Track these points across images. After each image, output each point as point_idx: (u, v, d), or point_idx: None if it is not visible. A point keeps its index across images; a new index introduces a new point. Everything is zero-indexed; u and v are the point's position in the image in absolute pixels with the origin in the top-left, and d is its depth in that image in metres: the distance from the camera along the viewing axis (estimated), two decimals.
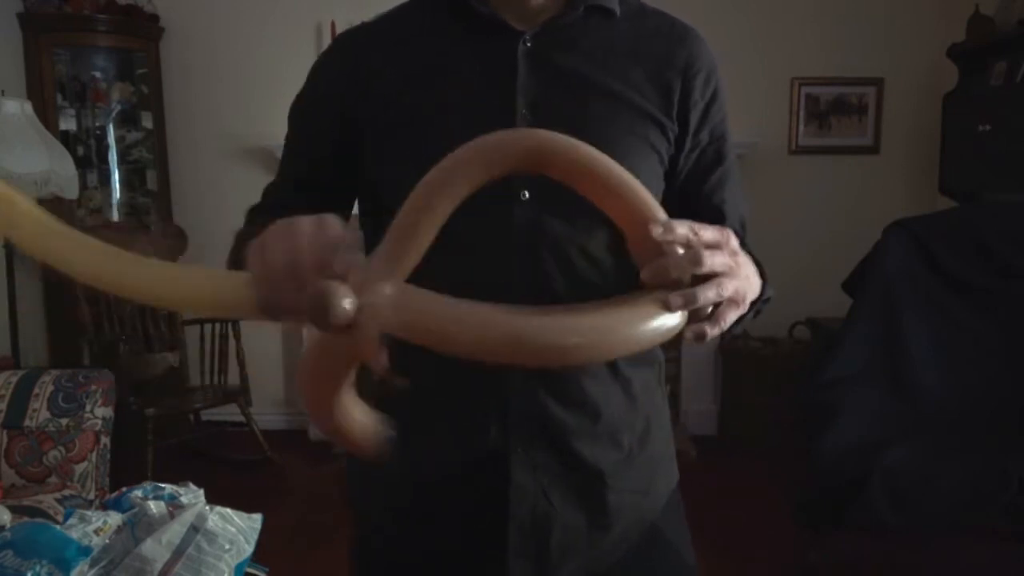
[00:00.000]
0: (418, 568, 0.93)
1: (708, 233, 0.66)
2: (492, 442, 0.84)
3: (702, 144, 0.91)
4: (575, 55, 0.86)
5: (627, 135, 0.85)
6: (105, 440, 2.22)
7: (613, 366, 0.88)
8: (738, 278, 0.68)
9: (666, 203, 0.90)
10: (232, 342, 3.57)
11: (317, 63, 0.94)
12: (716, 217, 0.91)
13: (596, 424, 0.87)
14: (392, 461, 0.93)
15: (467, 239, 0.79)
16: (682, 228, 0.65)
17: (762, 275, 0.80)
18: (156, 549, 1.01)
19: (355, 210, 0.97)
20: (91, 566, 1.01)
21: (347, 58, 0.90)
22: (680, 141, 0.89)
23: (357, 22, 0.94)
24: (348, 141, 0.88)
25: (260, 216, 0.82)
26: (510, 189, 0.82)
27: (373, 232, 0.67)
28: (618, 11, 0.88)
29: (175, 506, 1.12)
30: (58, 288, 3.65)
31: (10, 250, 3.28)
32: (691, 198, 0.91)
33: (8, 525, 1.48)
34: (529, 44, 0.85)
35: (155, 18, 3.82)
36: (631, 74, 0.86)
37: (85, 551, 1.02)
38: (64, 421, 2.16)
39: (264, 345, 3.92)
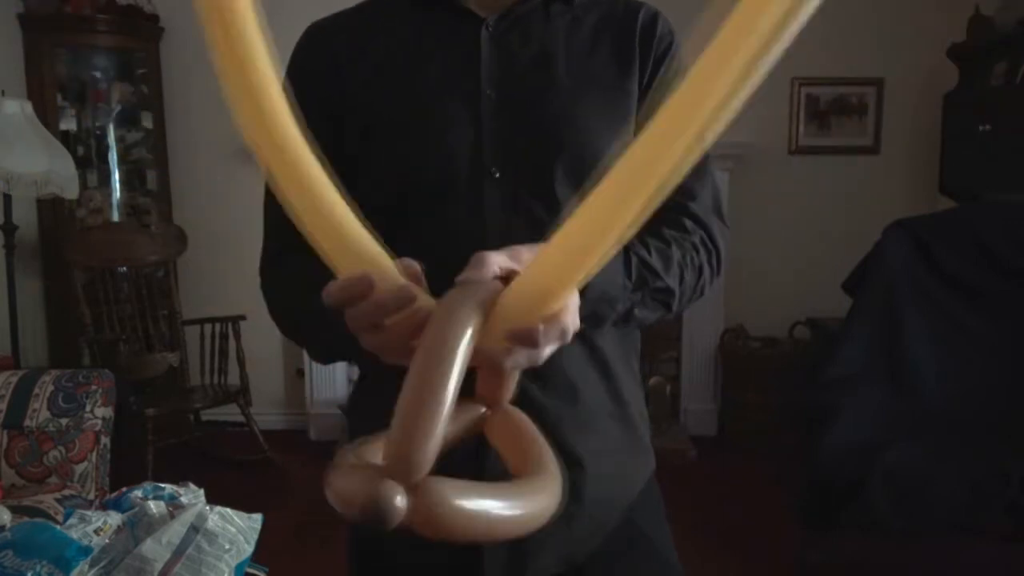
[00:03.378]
0: (395, 555, 0.93)
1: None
2: None
3: (647, 100, 0.90)
4: (538, 38, 0.87)
5: (595, 112, 0.86)
6: (105, 440, 2.22)
7: (592, 347, 0.88)
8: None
9: None
10: (232, 342, 3.57)
11: (292, 60, 0.93)
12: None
13: (575, 408, 0.87)
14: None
15: (439, 219, 0.83)
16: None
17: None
18: (156, 549, 1.01)
19: None
20: (91, 566, 1.01)
21: (319, 52, 0.91)
22: (639, 103, 0.90)
23: None
24: (338, 137, 0.89)
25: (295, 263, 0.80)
26: (481, 167, 0.83)
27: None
28: None
29: (175, 506, 1.12)
30: (58, 288, 3.66)
31: (10, 250, 3.29)
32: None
33: (8, 525, 1.48)
34: (491, 29, 0.86)
35: (155, 18, 3.82)
36: (595, 50, 0.88)
37: (85, 551, 1.02)
38: (64, 421, 2.16)
39: (264, 345, 3.92)
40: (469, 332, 0.53)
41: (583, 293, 0.71)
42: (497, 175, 0.83)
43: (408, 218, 0.83)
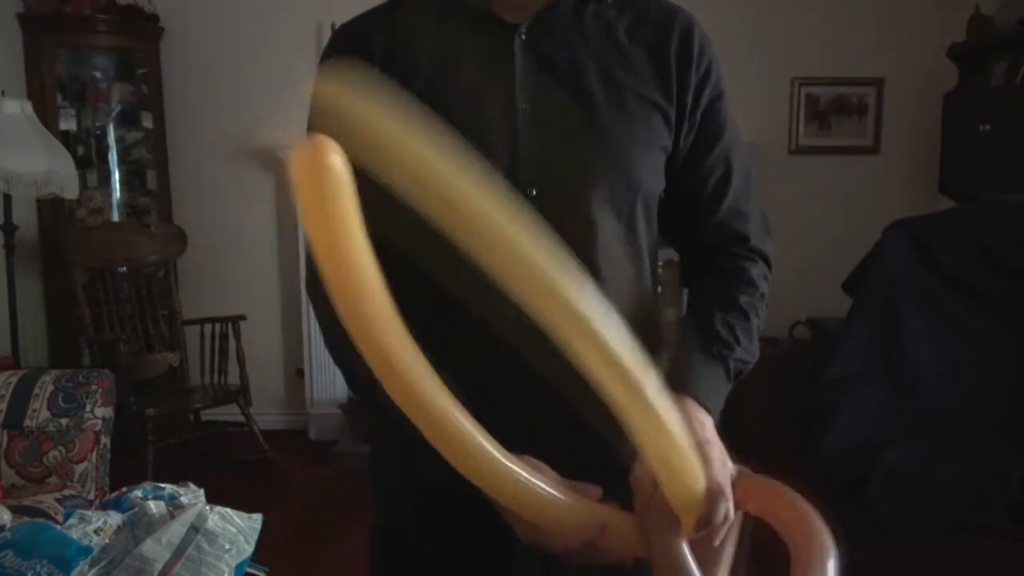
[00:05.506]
0: (429, 553, 0.93)
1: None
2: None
3: (697, 125, 0.90)
4: (572, 45, 0.85)
5: (629, 124, 0.85)
6: (105, 440, 2.22)
7: None
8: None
9: (667, 190, 0.92)
10: (232, 342, 3.57)
11: (324, 62, 0.92)
12: (714, 205, 0.92)
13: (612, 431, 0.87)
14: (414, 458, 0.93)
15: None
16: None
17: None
18: (156, 549, 1.01)
19: None
20: (91, 566, 1.01)
21: (351, 55, 0.88)
22: (679, 124, 0.89)
23: None
24: None
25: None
26: (518, 185, 0.82)
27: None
28: None
29: (175, 506, 1.12)
30: (58, 288, 3.65)
31: (10, 250, 3.29)
32: (690, 176, 0.91)
33: (8, 525, 1.48)
34: (524, 37, 0.84)
35: (155, 18, 3.82)
36: (630, 60, 0.86)
37: (85, 551, 1.02)
38: (64, 421, 2.16)
39: (264, 345, 3.92)
40: (685, 546, 0.67)
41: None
42: (534, 193, 0.81)
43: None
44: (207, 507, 1.09)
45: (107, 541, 1.06)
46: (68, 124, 3.78)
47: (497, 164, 0.82)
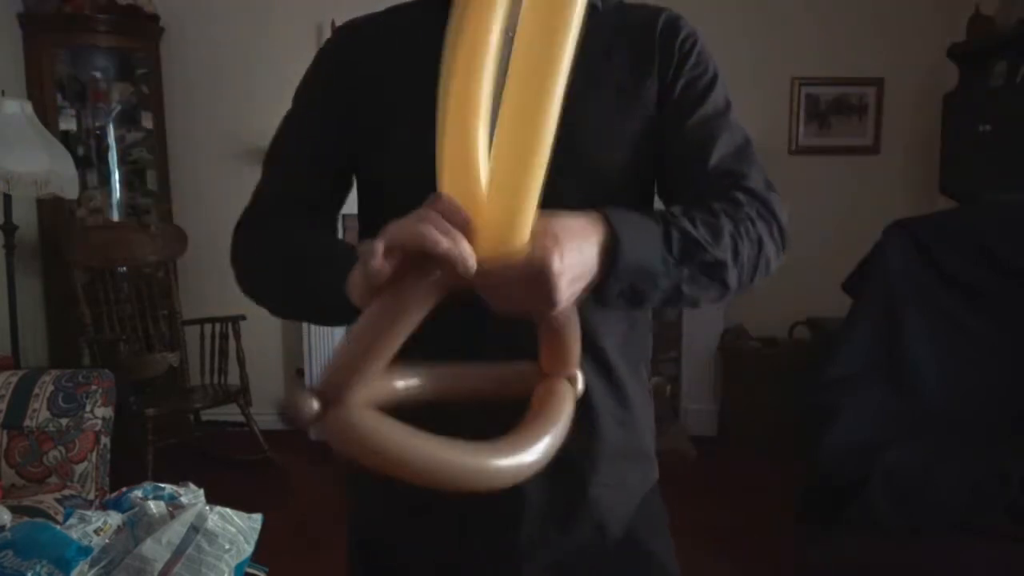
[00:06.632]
0: (385, 553, 0.94)
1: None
2: (468, 428, 0.80)
3: (676, 95, 0.88)
4: None
5: (607, 115, 0.86)
6: (105, 440, 2.22)
7: (596, 353, 0.87)
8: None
9: (658, 178, 0.91)
10: (232, 342, 3.57)
11: (321, 51, 0.96)
12: (701, 161, 0.87)
13: (577, 413, 0.87)
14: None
15: None
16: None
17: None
18: (156, 549, 1.01)
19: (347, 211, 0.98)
20: (91, 566, 1.01)
21: (345, 50, 0.93)
22: (660, 99, 0.89)
23: None
24: (350, 133, 0.90)
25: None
26: None
27: (372, 231, 0.67)
28: (600, 6, 0.90)
29: (175, 506, 1.12)
30: (58, 288, 3.66)
31: (10, 250, 3.29)
32: (669, 146, 0.87)
33: (8, 525, 1.47)
34: (510, 34, 0.86)
35: (155, 18, 3.82)
36: (610, 54, 0.87)
37: (85, 551, 1.02)
38: (64, 421, 2.16)
39: (264, 345, 3.92)
40: (422, 288, 0.56)
41: (615, 267, 0.68)
42: None
43: None
44: (207, 507, 1.09)
45: (107, 541, 1.06)
46: (68, 124, 3.78)
47: None
